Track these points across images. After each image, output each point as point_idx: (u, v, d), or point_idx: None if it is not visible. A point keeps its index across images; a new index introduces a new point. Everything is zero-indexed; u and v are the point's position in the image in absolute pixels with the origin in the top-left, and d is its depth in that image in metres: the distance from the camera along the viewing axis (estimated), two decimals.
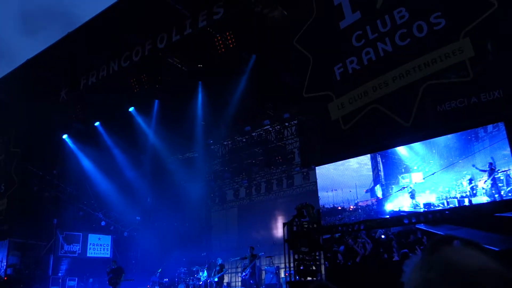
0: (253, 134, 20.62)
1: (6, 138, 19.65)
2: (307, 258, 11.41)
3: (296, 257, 11.21)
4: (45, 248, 18.72)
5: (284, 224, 11.85)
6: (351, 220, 10.27)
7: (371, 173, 10.17)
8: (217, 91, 16.81)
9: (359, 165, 10.37)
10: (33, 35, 74.35)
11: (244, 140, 21.03)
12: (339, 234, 10.75)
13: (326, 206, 10.83)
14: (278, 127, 19.72)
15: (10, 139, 19.34)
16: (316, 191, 11.57)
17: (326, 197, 10.76)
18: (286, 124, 19.44)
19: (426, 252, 0.83)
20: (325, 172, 11.14)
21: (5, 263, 17.73)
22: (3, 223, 18.19)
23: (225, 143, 21.85)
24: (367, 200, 10.14)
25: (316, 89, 11.05)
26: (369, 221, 10.09)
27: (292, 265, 11.23)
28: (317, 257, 11.50)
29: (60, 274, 18.67)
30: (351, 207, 10.23)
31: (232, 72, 15.66)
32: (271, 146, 19.90)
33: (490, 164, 8.42)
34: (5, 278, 17.17)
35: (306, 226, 11.47)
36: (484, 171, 8.50)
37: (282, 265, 15.53)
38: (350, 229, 10.40)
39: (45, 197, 18.96)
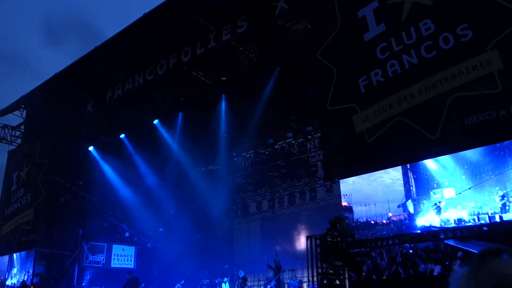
0: (276, 146, 20.59)
1: (33, 150, 20.12)
2: (330, 272, 11.26)
3: (319, 271, 11.07)
4: (70, 258, 18.98)
5: (307, 238, 11.73)
6: (383, 234, 10.19)
7: (403, 188, 10.19)
8: (240, 103, 16.89)
9: (392, 181, 10.43)
10: (56, 47, 76.32)
11: (267, 152, 21.02)
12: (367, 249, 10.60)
13: (359, 220, 10.88)
14: (301, 139, 19.64)
15: (37, 150, 19.79)
16: (339, 205, 11.47)
17: (360, 211, 10.82)
18: (309, 137, 19.36)
19: (473, 265, 0.81)
20: (359, 187, 11.15)
21: (31, 272, 18.04)
22: (30, 233, 18.54)
23: (248, 155, 21.87)
24: (399, 215, 10.18)
25: (340, 101, 10.98)
26: (403, 235, 9.92)
27: (315, 279, 11.09)
28: (340, 271, 11.34)
29: (84, 284, 18.89)
30: (384, 221, 10.26)
31: (255, 85, 15.72)
32: (294, 158, 19.82)
33: None
34: (31, 287, 17.46)
35: (339, 239, 11.32)
36: None
37: (305, 279, 15.36)
38: (384, 243, 10.23)
39: (71, 208, 19.30)
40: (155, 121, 18.39)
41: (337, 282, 11.23)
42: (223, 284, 17.42)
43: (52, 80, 18.70)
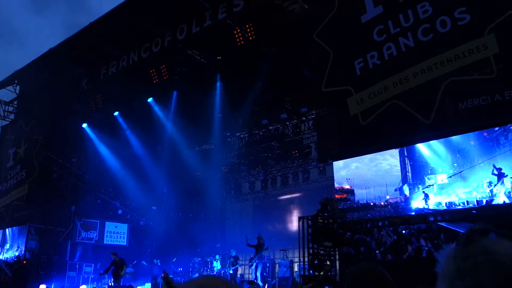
0: (270, 127, 20.59)
1: (29, 127, 20.00)
2: (321, 252, 11.41)
3: (310, 251, 11.22)
4: (63, 234, 19.06)
5: (299, 218, 11.85)
6: (381, 215, 10.55)
7: (400, 173, 10.73)
8: (236, 83, 16.81)
9: (390, 166, 11.09)
10: (41, 14, 74.68)
11: (261, 133, 21.04)
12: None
13: (360, 202, 11.34)
14: (296, 121, 19.65)
15: (33, 127, 19.68)
16: (332, 186, 11.65)
17: (360, 194, 11.41)
18: (304, 118, 19.37)
19: (461, 243, 0.83)
20: (361, 172, 11.60)
21: (24, 248, 18.13)
22: (24, 209, 18.56)
23: (242, 136, 21.89)
24: (396, 198, 10.75)
25: (335, 83, 10.98)
26: (394, 217, 10.11)
27: (306, 259, 11.24)
28: (331, 252, 11.50)
29: (76, 260, 19.01)
30: (382, 203, 10.80)
31: (251, 65, 15.63)
32: (288, 140, 19.86)
33: (499, 169, 8.58)
34: (24, 262, 17.56)
35: (330, 221, 11.47)
36: (494, 174, 8.73)
37: (296, 259, 15.57)
38: (375, 225, 10.40)
39: (64, 184, 19.30)
40: (149, 99, 18.29)
41: (328, 262, 11.40)
42: (214, 262, 17.64)
43: (46, 55, 18.47)
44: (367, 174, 11.68)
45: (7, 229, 19.94)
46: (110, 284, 15.41)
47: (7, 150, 21.21)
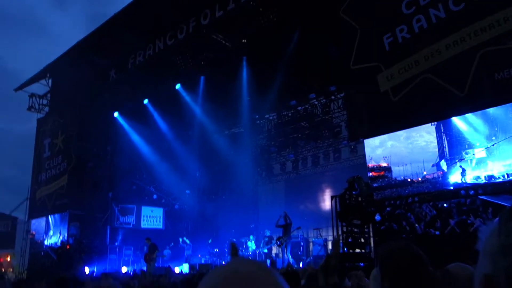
0: (299, 108, 20.49)
1: (64, 119, 20.58)
2: (355, 230, 11.40)
3: (344, 229, 11.23)
4: (102, 220, 19.71)
5: (332, 197, 11.84)
6: (419, 191, 10.55)
7: (437, 150, 10.70)
8: (262, 65, 16.74)
9: (426, 143, 11.24)
10: (63, 6, 75.53)
11: (289, 114, 20.96)
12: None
13: (397, 179, 11.41)
14: (324, 100, 19.46)
15: (67, 119, 20.24)
16: (364, 164, 11.57)
17: (397, 171, 11.51)
18: (333, 97, 19.16)
19: (504, 219, 0.81)
20: (397, 150, 11.61)
21: (66, 234, 18.87)
22: (64, 197, 19.26)
23: (271, 117, 21.87)
24: (433, 173, 10.74)
25: (364, 60, 10.79)
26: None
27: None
28: (366, 230, 11.47)
29: (117, 244, 19.66)
30: (419, 179, 10.84)
31: (276, 46, 15.51)
32: (317, 119, 19.73)
33: None
34: (68, 247, 18.30)
35: (358, 199, 11.44)
36: None
37: (330, 237, 15.61)
38: (403, 202, 10.29)
39: (100, 172, 19.83)
40: (177, 86, 18.45)
41: (362, 240, 11.39)
42: (248, 242, 17.86)
43: (75, 48, 18.85)
44: (403, 151, 11.73)
45: (50, 217, 20.76)
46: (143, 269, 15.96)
47: (42, 141, 21.94)
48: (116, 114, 20.03)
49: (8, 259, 27.69)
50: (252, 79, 17.29)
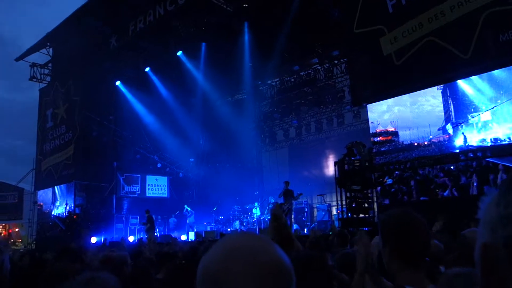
0: (302, 73, 20.27)
1: (65, 88, 20.49)
2: (359, 195, 11.48)
3: (348, 195, 11.30)
4: (107, 189, 19.93)
5: (335, 163, 11.87)
6: (425, 154, 10.66)
7: (443, 114, 10.74)
8: (264, 30, 16.46)
9: (432, 107, 11.22)
10: None
11: (292, 80, 20.77)
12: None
13: (404, 143, 11.51)
14: (327, 65, 19.22)
15: (70, 88, 20.15)
16: (367, 130, 11.57)
17: (404, 135, 11.65)
18: (336, 62, 18.90)
19: (504, 188, 0.78)
20: (403, 114, 11.61)
21: (72, 204, 19.14)
22: (70, 167, 19.42)
23: (273, 83, 21.69)
24: (439, 137, 10.83)
25: (367, 23, 10.57)
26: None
27: (344, 202, 11.36)
28: (369, 195, 11.55)
29: (123, 213, 19.96)
30: (426, 143, 10.95)
31: (278, 10, 15.20)
32: (321, 85, 19.56)
33: None
34: (75, 216, 18.59)
35: (357, 164, 11.44)
36: None
37: (334, 203, 15.74)
38: (402, 167, 10.31)
39: (104, 142, 19.89)
40: (179, 53, 18.23)
41: (366, 205, 11.48)
42: (253, 209, 18.07)
43: (74, 15, 18.54)
44: (409, 116, 11.78)
45: (56, 187, 21.01)
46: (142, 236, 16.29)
47: (45, 111, 21.94)
48: (118, 82, 19.91)
49: (17, 230, 28.24)
50: (254, 45, 17.02)
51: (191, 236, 17.31)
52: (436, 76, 9.46)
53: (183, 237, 17.30)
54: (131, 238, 17.99)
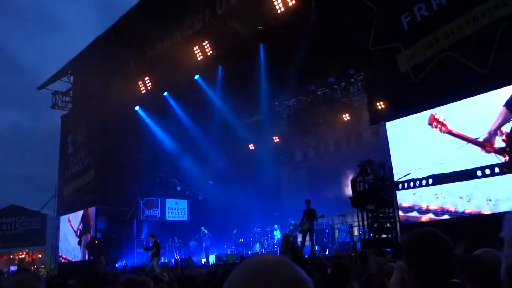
0: (318, 92, 20.27)
1: (86, 113, 20.88)
2: (381, 215, 11.25)
3: (369, 215, 11.10)
4: (128, 214, 20.04)
5: (352, 182, 11.69)
6: None
7: None
8: (279, 52, 16.57)
9: None
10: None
11: (309, 99, 20.77)
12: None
13: None
14: (344, 84, 19.18)
15: (89, 115, 20.53)
16: (387, 147, 11.37)
17: None
18: (352, 80, 18.86)
19: None
20: None
21: (94, 228, 19.28)
22: (91, 193, 19.63)
23: (290, 104, 21.72)
24: None
25: (383, 41, 10.56)
26: (438, 175, 9.71)
27: (365, 223, 11.14)
28: (391, 214, 11.32)
29: (143, 237, 19.97)
30: None
31: (293, 31, 15.30)
32: (338, 103, 19.49)
33: None
34: (96, 242, 18.68)
35: (372, 183, 11.22)
36: None
37: (355, 223, 15.46)
38: (418, 184, 10.09)
39: (124, 166, 20.09)
40: (196, 77, 18.46)
41: (388, 225, 11.24)
42: (274, 232, 17.86)
43: (94, 43, 19.11)
44: None
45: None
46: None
47: (66, 137, 22.38)
48: (137, 107, 20.22)
49: (40, 255, 28.51)
50: (270, 66, 17.13)
51: (212, 259, 17.20)
52: (455, 91, 9.33)
53: (203, 261, 17.19)
54: None
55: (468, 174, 9.10)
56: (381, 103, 12.97)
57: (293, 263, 0.93)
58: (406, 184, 10.43)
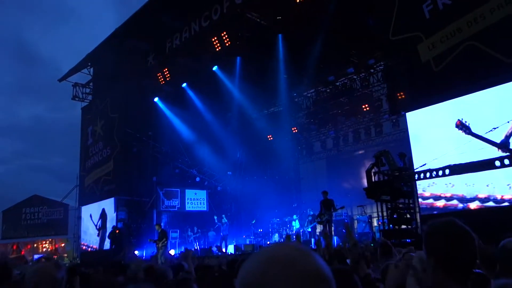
0: (337, 83, 20.09)
1: (104, 105, 21.17)
2: (400, 206, 11.16)
3: (389, 205, 11.01)
4: (148, 204, 20.29)
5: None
6: None
7: None
8: (298, 42, 16.47)
9: None
10: None
11: (328, 90, 20.61)
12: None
13: None
14: (363, 74, 18.95)
15: (108, 105, 20.81)
16: (407, 138, 11.23)
17: None
18: (372, 70, 18.63)
19: None
20: None
21: (115, 218, 19.59)
22: (111, 183, 19.94)
23: (309, 94, 21.60)
24: None
25: (403, 30, 10.39)
26: (455, 166, 9.55)
27: (385, 214, 11.06)
28: (411, 205, 11.21)
29: (163, 227, 20.19)
30: None
31: (312, 21, 15.18)
32: (357, 94, 19.29)
33: None
34: (117, 231, 18.98)
35: (387, 173, 11.11)
36: None
37: (375, 214, 15.38)
38: (434, 175, 9.94)
39: (144, 157, 20.32)
40: (214, 68, 18.51)
41: (408, 216, 11.14)
42: (293, 222, 17.91)
43: (114, 35, 19.28)
44: None
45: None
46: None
47: (87, 128, 22.74)
48: (156, 99, 20.37)
49: (63, 245, 29.17)
50: (288, 57, 17.04)
51: (230, 249, 17.32)
52: (477, 81, 9.14)
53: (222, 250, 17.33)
54: (171, 252, 18.18)
55: (486, 165, 8.92)
56: (401, 93, 12.85)
57: (314, 252, 0.93)
58: (422, 175, 10.29)
